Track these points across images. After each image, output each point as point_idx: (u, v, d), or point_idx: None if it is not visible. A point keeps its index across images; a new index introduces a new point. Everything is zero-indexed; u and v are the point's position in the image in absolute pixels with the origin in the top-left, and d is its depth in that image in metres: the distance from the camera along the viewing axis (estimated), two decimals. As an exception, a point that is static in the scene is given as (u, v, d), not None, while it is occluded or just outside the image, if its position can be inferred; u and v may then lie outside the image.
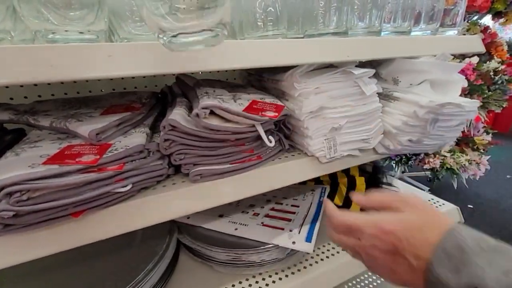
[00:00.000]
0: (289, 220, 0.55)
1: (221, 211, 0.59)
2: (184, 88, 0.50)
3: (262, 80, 0.58)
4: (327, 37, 0.44)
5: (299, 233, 0.50)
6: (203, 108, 0.35)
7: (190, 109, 0.44)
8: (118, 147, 0.35)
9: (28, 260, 0.31)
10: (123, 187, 0.33)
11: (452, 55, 0.50)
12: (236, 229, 0.53)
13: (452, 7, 0.56)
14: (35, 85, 0.60)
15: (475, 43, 0.56)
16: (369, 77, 0.47)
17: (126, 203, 0.35)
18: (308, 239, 0.49)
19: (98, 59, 0.29)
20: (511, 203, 1.94)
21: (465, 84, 0.52)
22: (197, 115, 0.35)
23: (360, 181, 0.65)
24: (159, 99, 0.53)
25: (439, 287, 0.23)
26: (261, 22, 0.45)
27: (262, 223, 0.54)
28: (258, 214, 0.58)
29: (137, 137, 0.37)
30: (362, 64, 0.58)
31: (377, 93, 0.48)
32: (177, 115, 0.37)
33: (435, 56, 0.51)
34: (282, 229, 0.52)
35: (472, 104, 0.48)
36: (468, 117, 0.50)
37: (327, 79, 0.45)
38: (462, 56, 1.71)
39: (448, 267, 0.23)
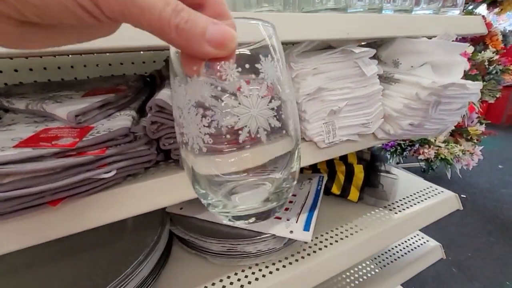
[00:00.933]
0: (286, 209, 0.53)
1: (215, 201, 0.56)
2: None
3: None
4: (325, 12, 0.41)
5: (296, 222, 0.48)
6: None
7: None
8: (100, 130, 0.32)
9: (3, 254, 0.28)
10: (106, 173, 0.30)
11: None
12: (231, 219, 0.51)
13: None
14: (16, 70, 0.56)
15: (477, 24, 0.54)
16: (370, 58, 0.45)
17: (111, 190, 0.32)
18: (306, 228, 0.47)
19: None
20: (503, 192, 1.97)
21: (467, 66, 0.51)
22: (187, 94, 0.33)
23: (359, 169, 0.63)
24: (147, 83, 0.50)
25: None
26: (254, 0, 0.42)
27: (258, 212, 0.52)
28: (254, 203, 0.55)
29: (121, 120, 0.35)
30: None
31: (377, 75, 0.46)
32: (165, 95, 0.34)
33: (435, 36, 0.48)
34: (279, 218, 0.50)
35: (475, 86, 0.47)
36: (471, 100, 0.49)
37: (326, 59, 0.42)
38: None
39: None
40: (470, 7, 1.82)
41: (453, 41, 0.47)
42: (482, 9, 1.92)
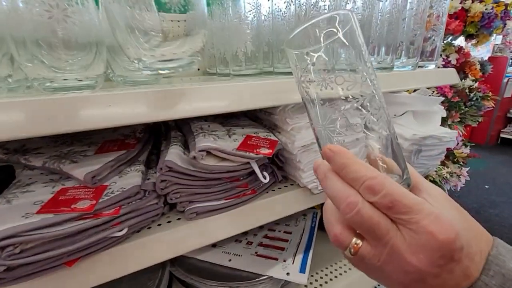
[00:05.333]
0: (283, 248, 0.55)
1: (214, 240, 0.58)
2: (177, 119, 0.51)
3: (255, 110, 0.60)
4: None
5: (293, 263, 0.51)
6: (200, 151, 0.36)
7: (185, 143, 0.45)
8: (114, 189, 0.35)
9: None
10: (119, 231, 0.33)
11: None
12: (230, 260, 0.53)
13: (430, 34, 0.60)
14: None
15: (451, 75, 0.60)
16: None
17: (121, 246, 0.35)
18: (302, 269, 0.49)
19: (97, 110, 0.29)
20: (491, 213, 2.02)
21: (444, 114, 0.56)
22: (195, 157, 0.36)
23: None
24: (151, 129, 0.53)
25: None
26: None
27: (256, 253, 0.55)
28: (252, 243, 0.58)
29: (132, 177, 0.38)
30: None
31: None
32: (173, 154, 0.38)
33: (415, 91, 0.54)
34: (276, 259, 0.52)
35: (451, 135, 0.52)
36: (448, 146, 0.54)
37: (318, 114, 0.47)
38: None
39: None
40: (450, 39, 1.97)
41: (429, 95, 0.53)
42: (461, 40, 2.07)
